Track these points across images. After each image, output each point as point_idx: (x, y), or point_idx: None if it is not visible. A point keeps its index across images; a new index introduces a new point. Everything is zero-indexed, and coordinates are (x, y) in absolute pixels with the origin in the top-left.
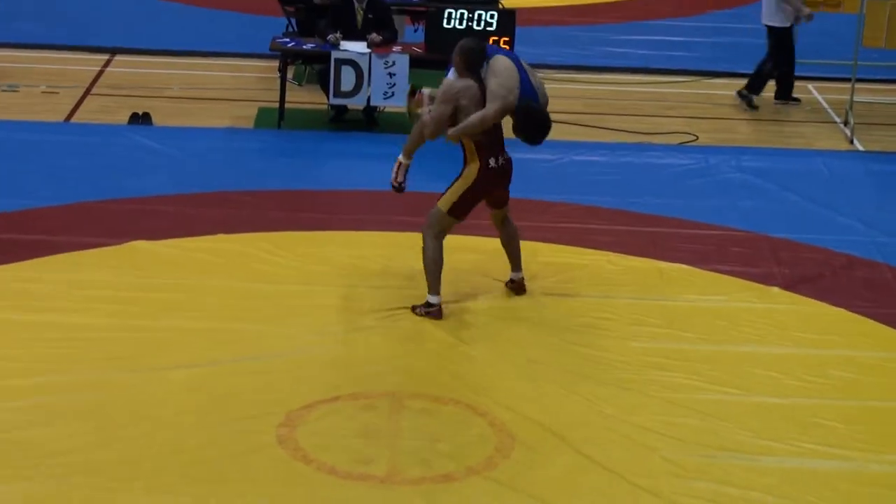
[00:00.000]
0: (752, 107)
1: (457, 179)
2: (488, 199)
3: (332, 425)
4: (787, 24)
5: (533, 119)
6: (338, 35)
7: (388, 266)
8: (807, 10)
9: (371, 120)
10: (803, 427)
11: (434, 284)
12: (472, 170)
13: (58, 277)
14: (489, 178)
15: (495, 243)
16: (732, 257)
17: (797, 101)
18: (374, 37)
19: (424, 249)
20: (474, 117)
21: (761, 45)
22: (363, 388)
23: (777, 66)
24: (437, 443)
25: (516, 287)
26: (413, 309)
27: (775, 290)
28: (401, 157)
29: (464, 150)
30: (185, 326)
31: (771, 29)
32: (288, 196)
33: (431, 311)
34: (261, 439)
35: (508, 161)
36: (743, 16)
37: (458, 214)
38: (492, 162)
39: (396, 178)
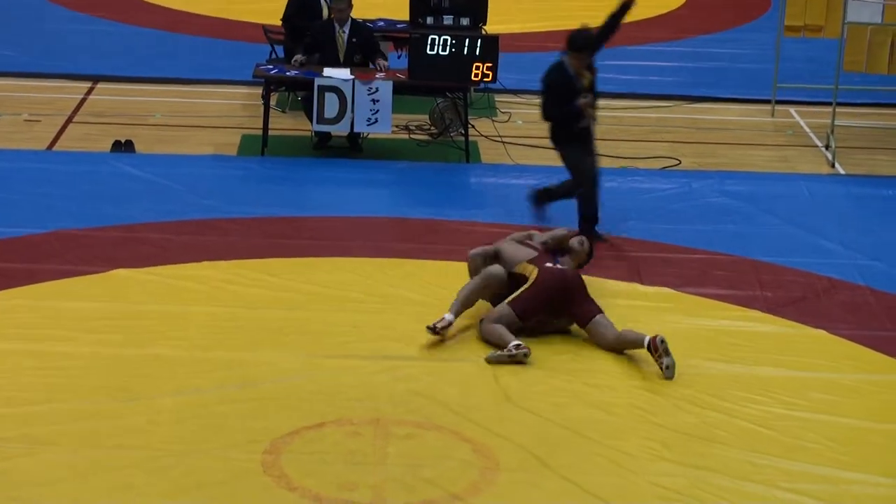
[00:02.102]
0: None
1: None
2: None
3: (317, 452)
4: None
5: None
6: (300, 58)
7: (371, 291)
8: None
9: (355, 146)
10: (786, 449)
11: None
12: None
13: (41, 306)
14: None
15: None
16: (716, 281)
17: None
18: (382, 63)
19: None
20: None
21: (743, 69)
22: (348, 414)
23: None
24: (422, 469)
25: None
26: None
27: (758, 312)
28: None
29: None
30: (170, 354)
31: None
32: (272, 223)
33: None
34: (246, 466)
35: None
36: (724, 40)
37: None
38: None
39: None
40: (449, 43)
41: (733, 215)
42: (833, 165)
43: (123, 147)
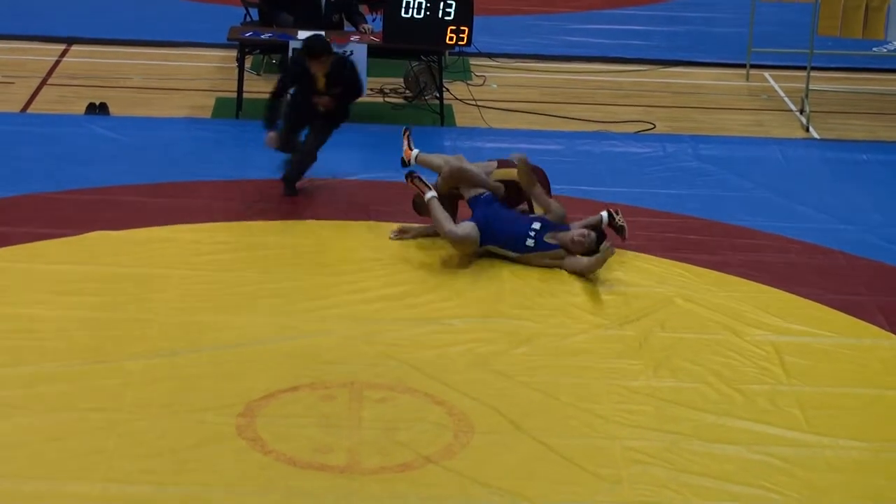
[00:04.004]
0: None
1: None
2: None
3: (292, 415)
4: None
5: None
6: None
7: (347, 255)
8: None
9: None
10: (760, 413)
11: None
12: None
13: (13, 268)
14: None
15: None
16: (690, 245)
17: None
18: (366, 27)
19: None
20: None
21: (718, 33)
22: (322, 377)
23: None
24: (396, 432)
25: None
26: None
27: (732, 277)
28: None
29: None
30: (143, 317)
31: None
32: (247, 185)
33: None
34: (220, 430)
35: None
36: (699, 4)
37: None
38: None
39: None
40: (424, 6)
41: (707, 179)
42: (807, 130)
43: (98, 110)
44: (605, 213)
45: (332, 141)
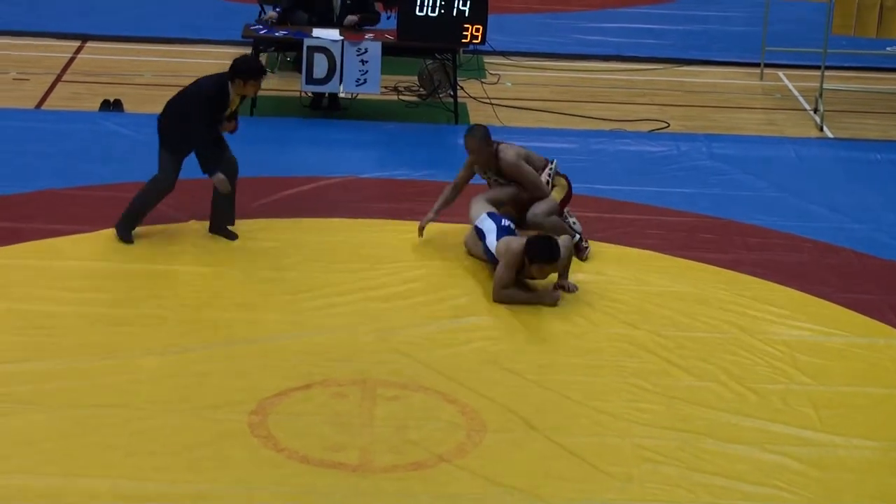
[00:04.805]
0: None
1: None
2: None
3: (304, 413)
4: None
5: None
6: (273, 15)
7: (358, 252)
8: None
9: (334, 105)
10: (773, 412)
11: None
12: None
13: (28, 264)
14: None
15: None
16: (702, 243)
17: None
18: (351, 18)
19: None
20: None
21: (732, 32)
22: (334, 375)
23: None
24: (409, 430)
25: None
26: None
27: (744, 276)
28: None
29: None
30: (157, 314)
31: None
32: (260, 182)
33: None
34: (232, 427)
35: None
36: (713, 3)
37: None
38: None
39: None
40: (438, 4)
41: (721, 178)
42: (821, 129)
43: (112, 106)
44: (578, 236)
45: (345, 139)
